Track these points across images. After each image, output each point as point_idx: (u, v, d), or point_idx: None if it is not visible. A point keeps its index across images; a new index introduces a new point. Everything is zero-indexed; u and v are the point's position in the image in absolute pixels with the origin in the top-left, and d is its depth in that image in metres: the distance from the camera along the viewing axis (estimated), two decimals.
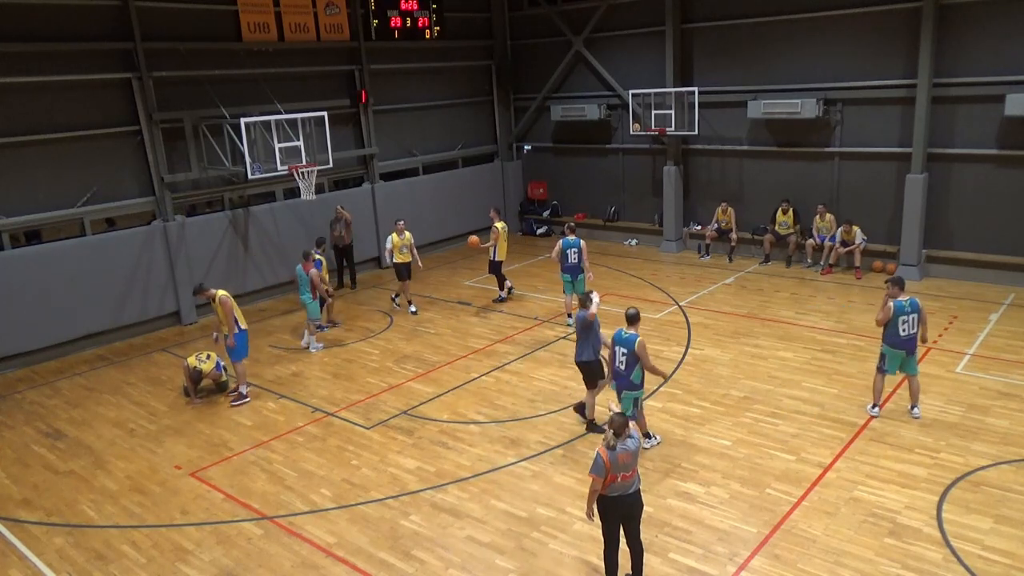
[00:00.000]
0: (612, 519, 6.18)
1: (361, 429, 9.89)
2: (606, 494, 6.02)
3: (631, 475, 6.02)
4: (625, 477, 5.98)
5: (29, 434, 10.36)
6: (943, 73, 14.11)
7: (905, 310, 8.93)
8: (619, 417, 6.01)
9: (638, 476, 6.16)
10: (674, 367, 11.24)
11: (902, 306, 8.93)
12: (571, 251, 12.66)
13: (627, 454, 5.91)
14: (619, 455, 5.88)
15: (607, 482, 5.93)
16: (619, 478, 5.94)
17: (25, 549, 7.69)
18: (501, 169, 21.12)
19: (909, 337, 9.00)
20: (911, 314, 8.94)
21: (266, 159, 13.94)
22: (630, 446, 5.95)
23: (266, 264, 15.90)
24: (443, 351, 12.46)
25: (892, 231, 15.27)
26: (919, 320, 9.00)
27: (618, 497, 6.04)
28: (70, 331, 13.22)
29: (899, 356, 9.11)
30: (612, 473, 5.89)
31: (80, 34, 13.04)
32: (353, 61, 17.20)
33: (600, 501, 6.09)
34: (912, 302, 8.99)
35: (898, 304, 8.93)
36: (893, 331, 9.01)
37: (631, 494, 6.09)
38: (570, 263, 12.70)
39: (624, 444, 5.92)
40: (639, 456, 6.15)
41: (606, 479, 5.91)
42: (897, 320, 8.92)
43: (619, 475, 5.93)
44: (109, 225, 13.85)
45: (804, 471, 8.21)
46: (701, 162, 18.07)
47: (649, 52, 17.92)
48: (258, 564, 7.21)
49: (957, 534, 7.00)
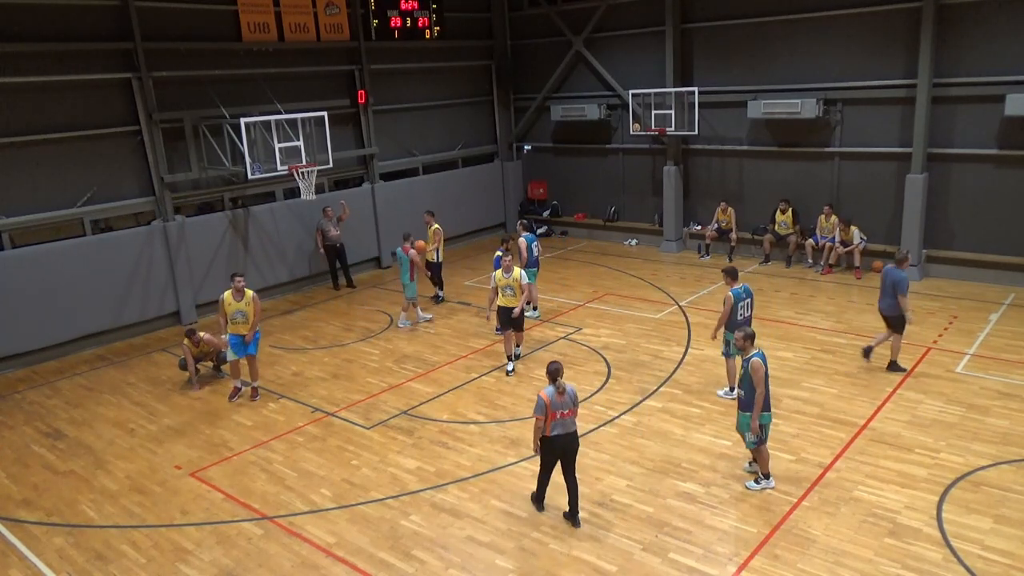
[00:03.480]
0: (551, 454, 7.34)
1: (361, 429, 9.89)
2: (549, 433, 7.17)
3: (568, 414, 7.18)
4: (564, 415, 7.15)
5: (29, 434, 10.36)
6: (943, 73, 14.11)
7: (741, 297, 9.71)
8: (554, 363, 7.22)
9: (575, 418, 7.30)
10: (674, 367, 11.24)
11: (738, 293, 9.68)
12: (534, 245, 13.58)
13: (564, 395, 7.12)
14: (556, 396, 7.07)
15: (549, 420, 7.09)
16: (558, 415, 7.12)
17: (25, 549, 7.69)
18: (501, 169, 21.12)
19: (744, 320, 9.69)
20: (746, 299, 9.76)
21: (266, 159, 13.94)
22: (568, 389, 7.17)
23: (266, 264, 15.90)
24: (443, 351, 12.46)
25: (892, 231, 15.27)
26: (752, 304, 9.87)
27: (558, 435, 7.19)
28: (70, 331, 13.22)
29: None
30: (552, 411, 7.07)
31: (80, 34, 13.04)
32: (353, 61, 17.20)
33: (544, 441, 7.23)
34: (746, 288, 9.83)
35: (735, 292, 9.67)
36: (733, 317, 9.65)
37: (570, 434, 7.26)
38: (534, 256, 13.52)
39: (561, 387, 7.11)
40: (577, 400, 7.30)
41: (547, 417, 7.07)
42: (736, 307, 9.64)
43: (558, 412, 7.11)
44: (103, 228, 13.78)
45: (804, 471, 8.21)
46: (701, 162, 18.07)
47: (649, 52, 17.92)
48: (258, 564, 7.21)
49: (957, 534, 7.00)
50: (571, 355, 11.88)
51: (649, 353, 11.79)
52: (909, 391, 9.99)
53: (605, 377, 11.01)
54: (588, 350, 12.07)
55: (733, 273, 9.88)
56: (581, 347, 12.17)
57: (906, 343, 11.59)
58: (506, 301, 11.30)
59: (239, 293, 10.59)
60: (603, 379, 10.94)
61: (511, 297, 11.26)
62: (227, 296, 10.63)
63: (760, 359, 7.56)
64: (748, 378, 7.58)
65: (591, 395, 10.45)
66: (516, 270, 11.25)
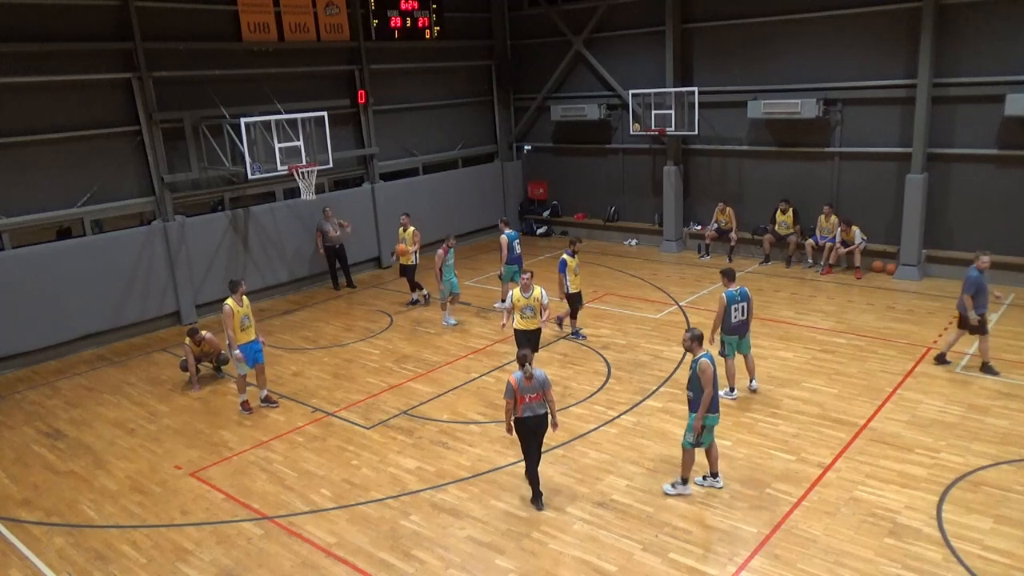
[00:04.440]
0: (526, 436, 7.73)
1: (361, 429, 9.90)
2: (520, 415, 7.59)
3: (536, 397, 7.59)
4: (532, 399, 7.57)
5: (29, 434, 10.36)
6: (943, 73, 14.11)
7: (736, 299, 9.66)
8: (522, 353, 7.70)
9: (545, 402, 7.68)
10: (674, 367, 11.24)
11: (732, 296, 9.64)
12: (516, 243, 13.84)
13: (531, 380, 7.52)
14: (524, 381, 7.48)
15: (519, 404, 7.53)
16: (527, 399, 7.54)
17: (25, 549, 7.69)
18: (501, 169, 21.12)
19: (740, 323, 9.76)
20: (742, 303, 9.72)
21: (266, 159, 13.94)
22: (536, 374, 7.56)
23: (266, 264, 15.90)
24: (443, 351, 12.46)
25: (892, 231, 15.27)
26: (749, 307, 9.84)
27: (528, 417, 7.62)
28: (70, 331, 13.22)
29: (733, 340, 9.87)
30: (520, 395, 7.50)
31: (80, 34, 13.04)
32: (353, 61, 17.20)
33: (516, 422, 7.66)
34: (742, 291, 9.76)
35: (729, 294, 9.63)
36: (727, 320, 9.68)
37: (540, 416, 7.68)
38: (516, 254, 13.78)
39: (528, 373, 7.51)
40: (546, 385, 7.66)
41: (517, 401, 7.51)
42: (730, 309, 9.62)
43: (527, 396, 7.53)
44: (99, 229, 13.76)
45: (804, 471, 8.21)
46: (701, 162, 18.07)
47: (649, 52, 17.92)
48: (258, 564, 7.22)
49: (957, 534, 7.00)
50: (571, 355, 11.88)
51: (649, 353, 11.79)
52: (909, 391, 10.00)
53: (605, 377, 11.01)
54: (588, 350, 12.07)
55: (730, 275, 9.86)
56: (581, 347, 12.16)
57: (906, 343, 11.63)
58: (525, 323, 10.46)
59: (241, 298, 10.34)
60: (603, 379, 10.94)
61: (531, 318, 10.42)
62: (232, 304, 10.17)
63: (708, 360, 7.60)
64: (696, 379, 7.63)
65: (591, 395, 10.45)
66: (536, 289, 10.38)
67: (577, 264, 12.28)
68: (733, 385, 10.03)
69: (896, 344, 11.61)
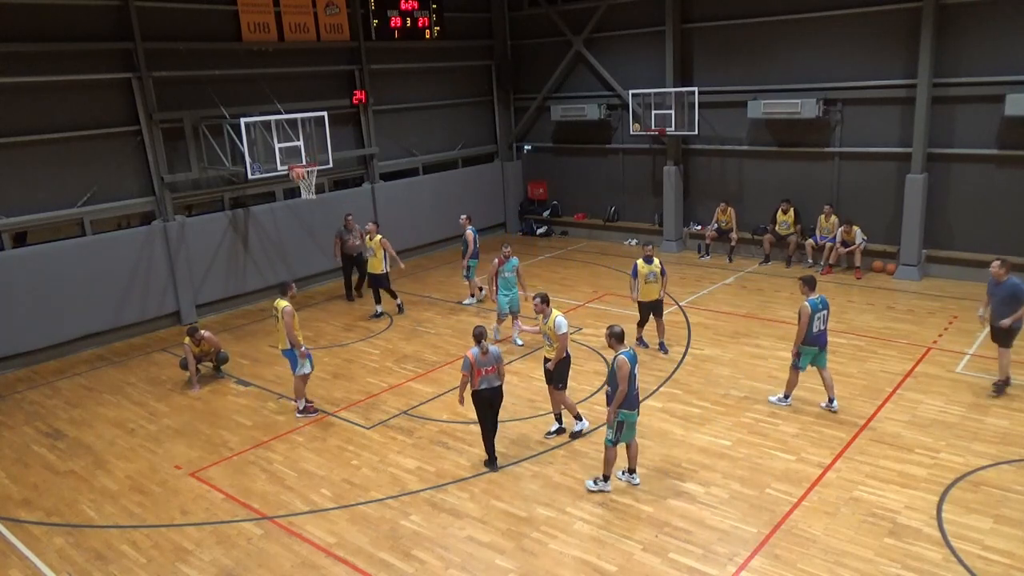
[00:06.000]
0: (482, 407, 8.37)
1: (361, 429, 9.89)
2: (478, 388, 8.24)
3: (492, 371, 8.22)
4: (488, 371, 8.21)
5: (29, 434, 10.36)
6: (943, 73, 14.11)
7: (818, 308, 9.21)
8: (479, 328, 8.34)
9: (500, 375, 8.35)
10: (674, 367, 11.24)
11: (815, 304, 9.20)
12: (476, 237, 14.38)
13: (487, 355, 8.19)
14: (480, 355, 8.15)
15: (476, 376, 8.16)
16: (483, 371, 8.17)
17: (25, 549, 7.69)
18: (501, 169, 21.12)
19: (820, 333, 9.29)
20: (823, 311, 9.27)
21: (266, 159, 13.94)
22: (491, 350, 8.24)
23: (266, 264, 15.89)
24: (443, 351, 12.45)
25: (892, 231, 15.27)
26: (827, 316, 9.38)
27: (485, 389, 8.27)
28: (70, 331, 13.22)
29: (812, 352, 9.40)
30: (477, 368, 8.14)
31: (80, 34, 13.04)
32: (353, 61, 17.20)
33: (474, 394, 8.30)
34: (823, 299, 9.31)
35: (811, 303, 9.19)
36: (809, 330, 9.22)
37: (495, 388, 8.34)
38: (477, 248, 14.50)
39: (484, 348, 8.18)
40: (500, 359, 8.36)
41: (474, 374, 8.15)
42: (813, 318, 9.17)
43: (483, 369, 8.17)
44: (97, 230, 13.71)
45: (804, 471, 8.21)
46: (701, 162, 18.07)
47: (649, 52, 17.92)
48: (258, 564, 7.22)
49: (957, 534, 7.00)
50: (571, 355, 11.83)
51: (649, 353, 11.78)
52: (909, 391, 9.99)
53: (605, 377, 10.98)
54: (588, 350, 12.07)
55: (811, 283, 9.24)
56: (581, 347, 12.16)
57: (906, 343, 11.63)
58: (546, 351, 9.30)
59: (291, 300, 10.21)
60: (603, 379, 10.92)
61: (547, 348, 9.26)
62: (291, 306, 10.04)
63: (627, 358, 7.64)
64: (613, 375, 7.70)
65: (591, 395, 10.46)
66: (552, 315, 9.08)
67: (651, 272, 11.29)
68: (789, 393, 9.73)
69: (896, 344, 11.61)
